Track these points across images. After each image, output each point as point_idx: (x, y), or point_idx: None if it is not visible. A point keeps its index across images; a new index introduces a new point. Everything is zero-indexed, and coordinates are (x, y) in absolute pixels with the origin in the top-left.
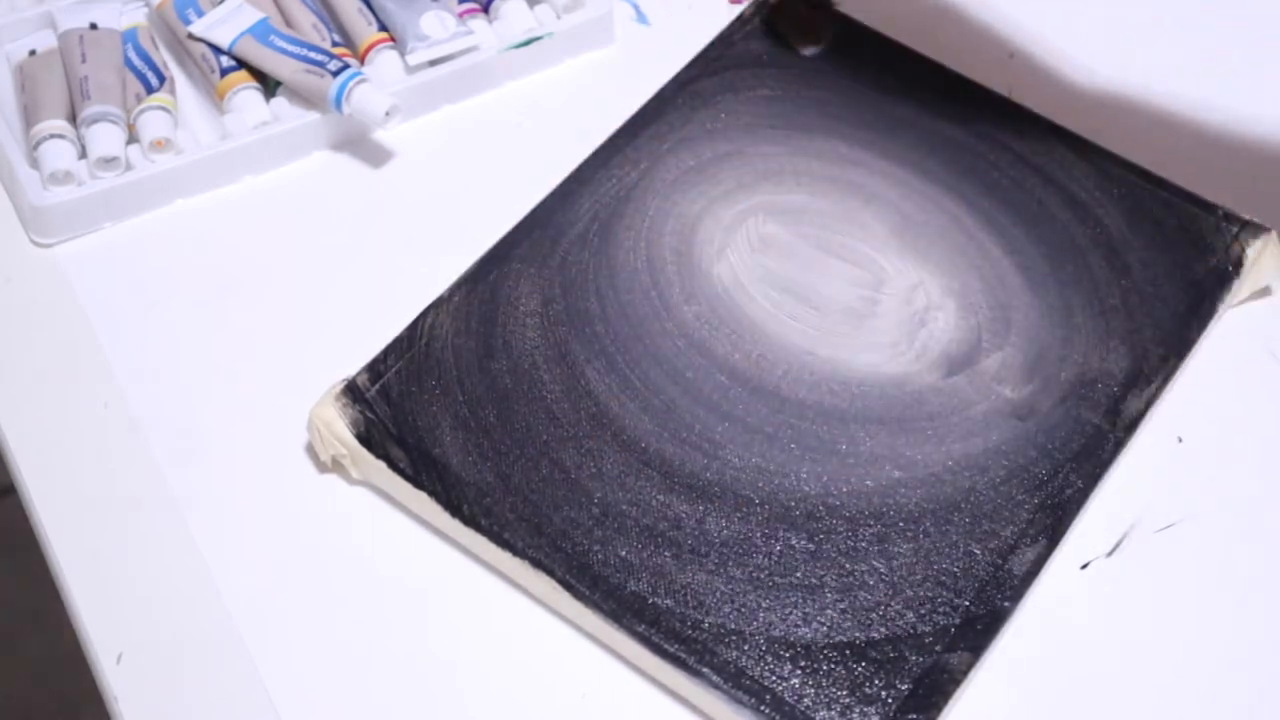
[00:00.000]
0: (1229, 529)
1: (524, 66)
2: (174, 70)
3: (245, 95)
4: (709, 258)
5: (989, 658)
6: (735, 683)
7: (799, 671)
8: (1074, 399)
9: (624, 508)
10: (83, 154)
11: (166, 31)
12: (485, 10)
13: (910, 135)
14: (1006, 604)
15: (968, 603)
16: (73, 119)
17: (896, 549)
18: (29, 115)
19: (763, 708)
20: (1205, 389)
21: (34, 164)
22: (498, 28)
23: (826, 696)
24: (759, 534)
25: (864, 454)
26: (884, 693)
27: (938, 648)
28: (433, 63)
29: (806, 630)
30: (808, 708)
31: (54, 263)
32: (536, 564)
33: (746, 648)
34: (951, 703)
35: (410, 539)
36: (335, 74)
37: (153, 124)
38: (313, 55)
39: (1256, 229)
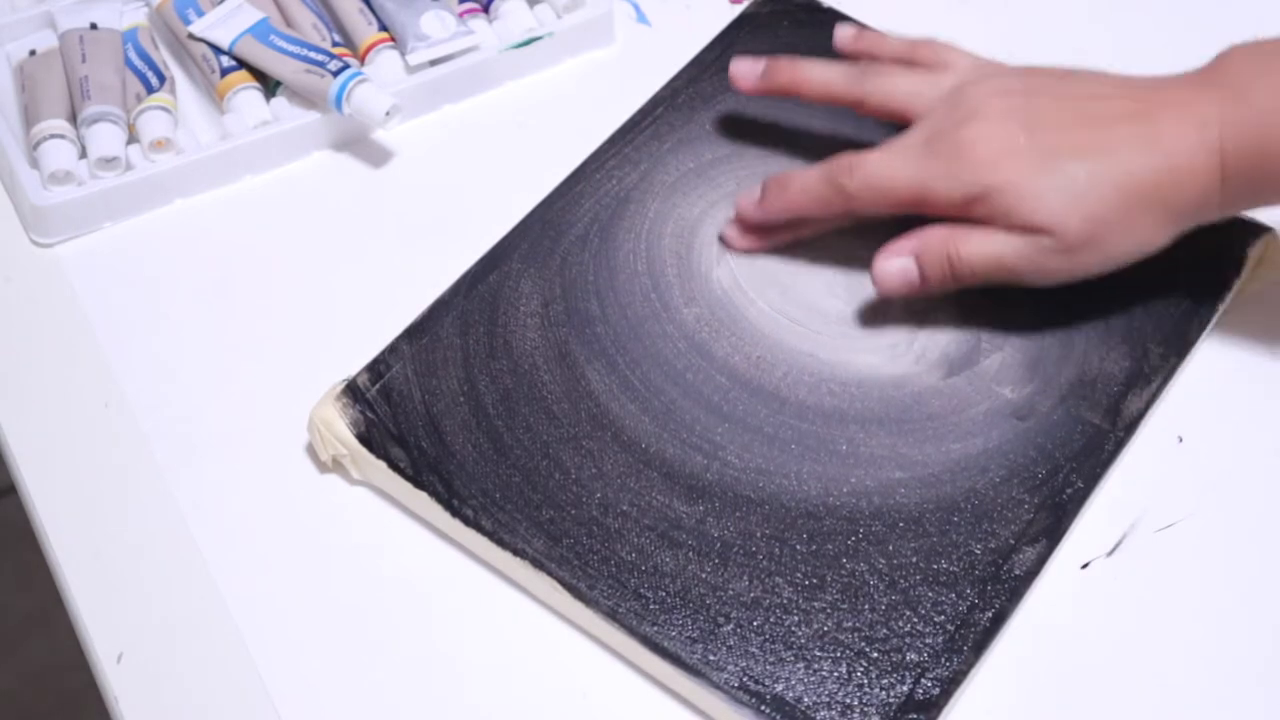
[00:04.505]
0: (1229, 529)
1: (524, 66)
2: (174, 70)
3: (245, 95)
4: (709, 260)
5: (989, 658)
6: (736, 682)
7: (799, 671)
8: (1074, 399)
9: (624, 508)
10: (83, 154)
11: (166, 31)
12: (485, 10)
13: None
14: (1006, 604)
15: (968, 603)
16: (73, 119)
17: (897, 549)
18: (29, 115)
19: (763, 707)
20: (1205, 389)
21: (34, 164)
22: (498, 28)
23: (827, 696)
24: (759, 534)
25: (864, 454)
26: (884, 693)
27: (938, 648)
28: (433, 63)
29: (807, 630)
30: (808, 707)
31: (54, 263)
32: (536, 564)
33: (747, 647)
34: (951, 703)
35: (410, 539)
36: (335, 74)
37: (153, 124)
38: (313, 55)
39: (1257, 229)
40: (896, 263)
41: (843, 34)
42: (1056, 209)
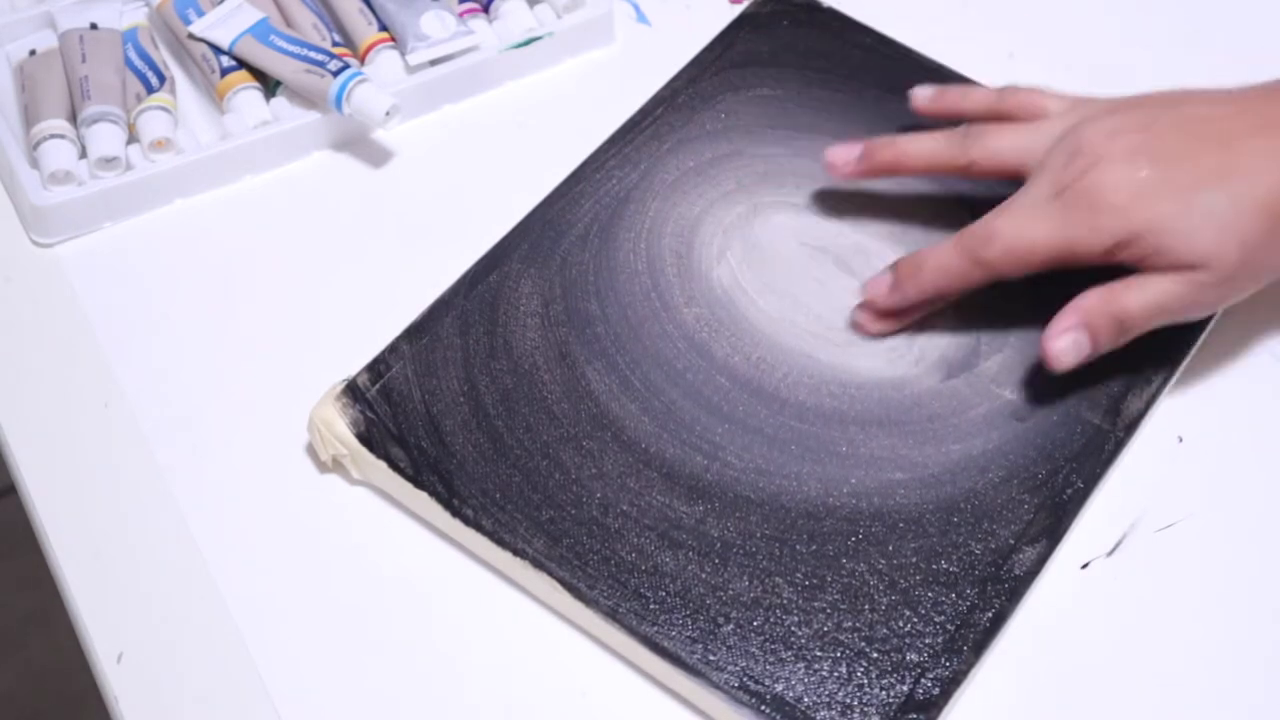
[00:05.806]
0: (1229, 529)
1: (524, 66)
2: (174, 70)
3: (245, 95)
4: (709, 260)
5: (989, 658)
6: (736, 682)
7: (799, 671)
8: (1074, 399)
9: (624, 508)
10: (83, 154)
11: (166, 31)
12: (485, 10)
13: None
14: (1006, 604)
15: (968, 603)
16: (73, 119)
17: (897, 549)
18: (29, 115)
19: (763, 707)
20: (1205, 389)
21: (34, 164)
22: (498, 28)
23: (827, 696)
24: (759, 534)
25: (864, 456)
26: (884, 692)
27: (938, 648)
28: (433, 62)
29: (807, 630)
30: (808, 707)
31: (54, 263)
32: (537, 564)
33: (747, 647)
34: (951, 703)
35: (410, 539)
36: (335, 74)
37: (153, 124)
38: (313, 55)
39: None
40: (1066, 340)
41: (921, 95)
42: (1208, 242)
